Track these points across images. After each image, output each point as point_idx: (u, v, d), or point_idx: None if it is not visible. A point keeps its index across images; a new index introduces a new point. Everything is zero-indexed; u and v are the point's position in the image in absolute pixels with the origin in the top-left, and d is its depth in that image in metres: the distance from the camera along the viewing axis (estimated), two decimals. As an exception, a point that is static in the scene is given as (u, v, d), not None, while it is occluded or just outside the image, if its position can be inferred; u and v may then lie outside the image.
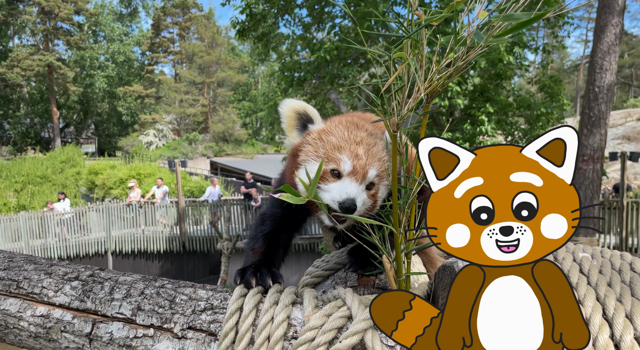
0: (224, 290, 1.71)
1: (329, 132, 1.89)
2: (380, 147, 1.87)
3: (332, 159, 1.81)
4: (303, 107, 1.94)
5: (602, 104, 12.50)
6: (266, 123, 21.01)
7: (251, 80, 79.18)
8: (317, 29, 17.36)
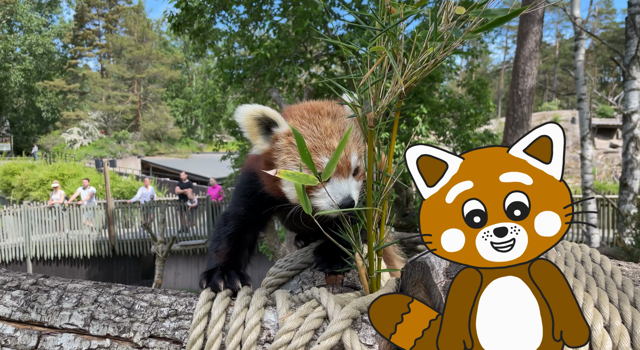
0: (188, 295, 1.61)
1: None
2: (348, 125, 1.81)
3: (316, 165, 1.75)
4: (260, 112, 1.81)
5: (525, 106, 13.41)
6: (203, 121, 20.38)
7: (185, 76, 76.65)
8: (255, 26, 17.11)
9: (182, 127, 70.09)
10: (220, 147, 19.52)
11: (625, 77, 15.18)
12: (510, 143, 5.71)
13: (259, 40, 15.35)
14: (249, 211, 1.92)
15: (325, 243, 1.99)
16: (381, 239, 1.62)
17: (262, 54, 13.60)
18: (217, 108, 16.61)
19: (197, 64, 72.58)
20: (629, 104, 14.90)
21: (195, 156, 57.38)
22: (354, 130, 1.82)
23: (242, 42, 16.58)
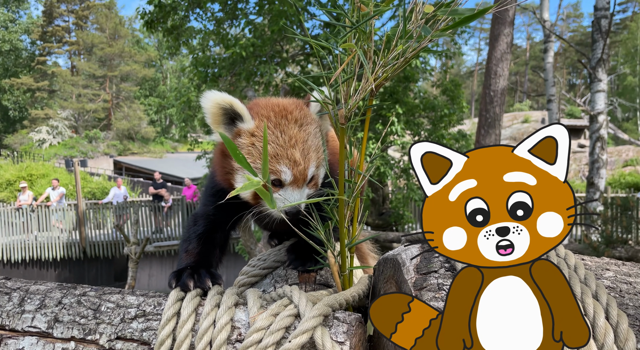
0: (157, 295, 1.58)
1: (261, 136, 1.79)
2: (313, 134, 1.83)
3: (272, 172, 1.77)
4: (229, 102, 1.78)
5: (497, 107, 13.69)
6: (178, 120, 20.05)
7: (159, 75, 75.33)
8: (231, 25, 16.94)
9: (156, 126, 68.89)
10: (195, 147, 19.25)
11: (592, 79, 15.67)
12: (483, 143, 5.85)
13: (235, 39, 15.21)
14: (218, 210, 1.89)
15: (299, 241, 1.98)
16: (353, 236, 1.62)
17: (237, 53, 13.48)
18: (191, 107, 16.37)
19: (172, 62, 71.50)
20: (596, 105, 15.39)
21: (169, 156, 56.48)
22: (316, 139, 1.84)
23: (217, 40, 16.40)
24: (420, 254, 1.53)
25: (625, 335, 1.19)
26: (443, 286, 1.38)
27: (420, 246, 1.62)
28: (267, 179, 1.36)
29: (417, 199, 15.87)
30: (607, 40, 15.00)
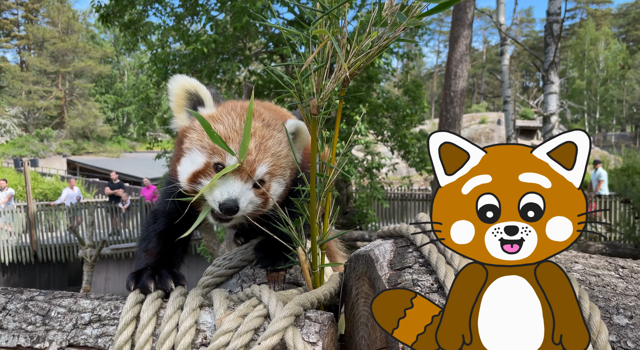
0: (113, 298, 1.46)
1: (218, 120, 1.71)
2: (276, 140, 1.72)
3: (217, 152, 1.63)
4: (195, 87, 1.75)
5: (457, 107, 14.00)
6: (136, 118, 19.40)
7: (116, 71, 72.79)
8: (191, 21, 16.54)
9: (113, 124, 66.54)
10: (155, 146, 18.68)
11: (544, 82, 16.31)
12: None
13: (195, 35, 14.85)
14: (180, 207, 1.79)
15: (267, 239, 1.90)
16: (324, 232, 1.56)
17: (198, 49, 13.16)
18: (150, 104, 15.87)
19: (129, 58, 69.20)
20: (548, 107, 16.02)
21: (127, 155, 54.69)
22: (281, 148, 1.71)
23: (177, 36, 15.97)
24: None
25: (598, 327, 1.19)
26: (418, 282, 1.34)
27: (393, 242, 1.58)
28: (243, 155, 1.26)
29: (380, 197, 16.03)
30: (558, 44, 15.64)
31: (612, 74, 68.93)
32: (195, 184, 1.64)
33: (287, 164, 1.73)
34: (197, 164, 1.65)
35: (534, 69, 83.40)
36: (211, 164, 1.64)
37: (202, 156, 1.65)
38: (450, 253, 1.38)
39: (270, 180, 1.69)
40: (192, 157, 1.66)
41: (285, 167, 1.73)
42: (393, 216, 23.12)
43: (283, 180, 1.74)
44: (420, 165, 16.72)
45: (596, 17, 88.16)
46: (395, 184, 26.17)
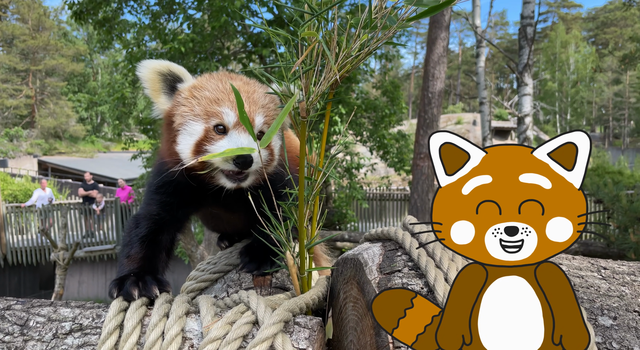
0: (95, 306, 1.41)
1: (202, 87, 1.71)
2: (260, 94, 1.74)
3: (213, 114, 1.63)
4: (166, 67, 1.74)
5: (435, 108, 14.16)
6: (111, 118, 18.97)
7: (89, 70, 71.09)
8: (168, 19, 16.26)
9: (87, 124, 65.00)
10: (131, 146, 18.32)
11: (519, 83, 16.65)
12: (422, 143, 5.99)
13: (172, 34, 14.62)
14: (163, 209, 1.74)
15: (252, 243, 1.88)
16: (312, 236, 1.55)
17: (176, 48, 12.96)
18: (126, 104, 15.54)
19: (103, 57, 67.73)
20: (523, 108, 16.36)
21: (101, 156, 53.51)
22: (263, 97, 1.73)
23: (153, 35, 15.68)
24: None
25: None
26: (408, 286, 1.34)
27: (381, 245, 1.57)
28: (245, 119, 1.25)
29: (359, 197, 16.10)
30: (532, 46, 15.98)
31: (582, 77, 71.02)
32: (203, 153, 1.61)
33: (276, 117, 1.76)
34: (198, 133, 1.64)
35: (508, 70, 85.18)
36: (210, 128, 1.63)
37: (199, 124, 1.64)
38: (439, 256, 1.38)
39: (267, 128, 1.70)
40: (189, 130, 1.65)
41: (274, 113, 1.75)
42: (372, 216, 23.26)
43: (279, 133, 1.75)
44: (399, 166, 16.87)
45: (567, 21, 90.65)
46: (374, 184, 26.33)
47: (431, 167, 14.26)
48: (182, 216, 1.81)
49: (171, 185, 1.71)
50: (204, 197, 1.74)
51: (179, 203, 1.76)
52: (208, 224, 2.28)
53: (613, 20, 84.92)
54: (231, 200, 1.77)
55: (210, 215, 2.01)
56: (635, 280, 1.48)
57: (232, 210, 1.92)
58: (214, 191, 1.69)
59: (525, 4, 16.42)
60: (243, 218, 1.99)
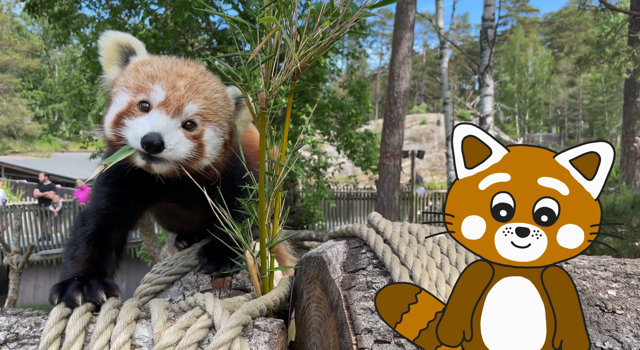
0: (34, 314, 1.30)
1: (148, 63, 1.66)
2: (211, 87, 1.66)
3: (142, 89, 1.56)
4: (127, 39, 1.73)
5: (400, 108, 14.32)
6: (68, 115, 18.23)
7: (45, 66, 68.20)
8: (129, 14, 15.74)
9: (43, 122, 62.33)
10: (90, 145, 17.65)
11: (480, 84, 17.07)
12: (388, 142, 6.03)
13: (134, 29, 14.17)
14: (112, 202, 1.63)
15: (211, 242, 1.79)
16: (274, 235, 1.48)
17: (136, 44, 12.55)
18: (84, 101, 14.94)
19: (60, 52, 65.17)
20: (484, 108, 16.78)
21: (59, 155, 51.45)
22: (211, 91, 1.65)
23: (113, 30, 15.16)
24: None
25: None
26: (372, 284, 1.29)
27: (345, 242, 1.52)
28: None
29: (327, 197, 16.08)
30: (493, 48, 16.41)
31: (540, 79, 73.79)
32: (119, 127, 1.52)
33: (224, 115, 1.68)
34: (122, 105, 1.57)
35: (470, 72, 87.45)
36: (135, 102, 1.55)
37: (126, 96, 1.58)
38: (404, 253, 1.34)
39: (203, 124, 1.60)
40: (116, 100, 1.60)
41: (223, 117, 1.66)
42: (339, 215, 23.34)
43: (220, 130, 1.65)
44: (366, 165, 16.96)
45: (525, 25, 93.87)
46: (341, 184, 26.44)
47: (397, 166, 14.42)
48: (134, 210, 1.70)
49: (118, 174, 1.61)
50: (156, 189, 1.64)
51: (129, 194, 1.66)
52: (164, 223, 2.16)
53: (568, 24, 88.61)
54: (186, 195, 1.68)
55: (166, 211, 1.90)
56: (595, 274, 1.49)
57: (187, 206, 1.83)
58: (166, 183, 1.61)
59: (486, 7, 16.85)
60: (200, 215, 1.90)
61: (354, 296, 1.25)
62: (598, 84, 66.30)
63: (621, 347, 1.21)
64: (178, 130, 1.52)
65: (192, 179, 1.46)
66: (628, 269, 1.51)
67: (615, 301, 1.35)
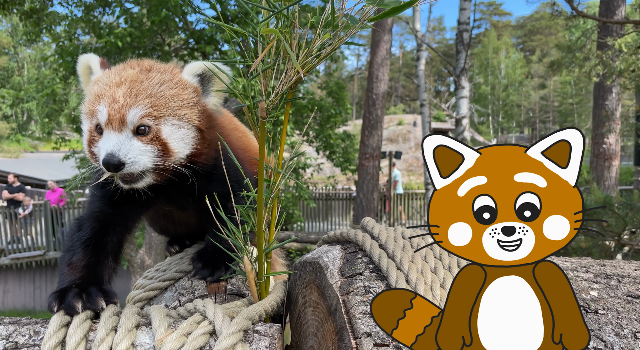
0: (32, 322, 1.29)
1: (97, 81, 1.65)
2: (154, 81, 1.61)
3: (93, 113, 1.57)
4: (87, 59, 1.74)
5: (379, 109, 14.48)
6: (40, 115, 17.71)
7: (13, 64, 66.11)
8: (103, 12, 15.42)
9: (11, 122, 60.42)
10: (62, 145, 17.19)
11: (456, 86, 17.37)
12: (367, 143, 6.12)
13: (108, 28, 13.88)
14: (107, 205, 1.63)
15: (205, 247, 1.80)
16: (271, 240, 1.50)
17: (112, 43, 12.31)
18: (57, 100, 14.55)
19: (29, 50, 63.25)
20: (460, 110, 17.08)
21: (28, 156, 49.87)
22: (155, 85, 1.59)
23: (87, 28, 14.81)
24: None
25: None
26: (370, 289, 1.32)
27: (341, 247, 1.55)
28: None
29: (306, 197, 16.10)
30: (468, 51, 16.74)
31: (512, 81, 75.56)
32: (93, 157, 1.60)
33: (181, 102, 1.61)
34: (86, 134, 1.62)
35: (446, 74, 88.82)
36: (92, 128, 1.58)
37: (86, 123, 1.62)
38: (399, 258, 1.38)
39: (157, 124, 1.56)
40: (83, 128, 1.65)
41: (178, 106, 1.60)
42: (318, 216, 23.37)
43: (179, 120, 1.59)
44: (345, 165, 17.06)
45: (498, 28, 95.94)
46: (320, 184, 26.49)
47: (375, 167, 14.55)
48: (130, 214, 1.69)
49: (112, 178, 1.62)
50: (152, 191, 1.64)
51: (124, 197, 1.65)
52: (156, 225, 2.16)
53: (539, 28, 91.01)
54: (181, 197, 1.69)
55: (162, 214, 1.90)
56: (578, 275, 1.56)
57: (183, 208, 1.84)
58: (160, 186, 1.62)
59: (462, 10, 17.17)
60: (195, 217, 1.91)
61: (353, 301, 1.29)
62: (568, 87, 68.39)
63: (604, 345, 1.27)
64: (132, 141, 1.52)
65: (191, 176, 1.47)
66: (607, 270, 1.59)
67: (597, 301, 1.42)
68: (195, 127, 1.62)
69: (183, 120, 1.60)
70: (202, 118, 1.65)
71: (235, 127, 2.03)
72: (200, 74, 1.68)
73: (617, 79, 11.31)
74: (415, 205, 23.76)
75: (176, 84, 1.63)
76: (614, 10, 13.13)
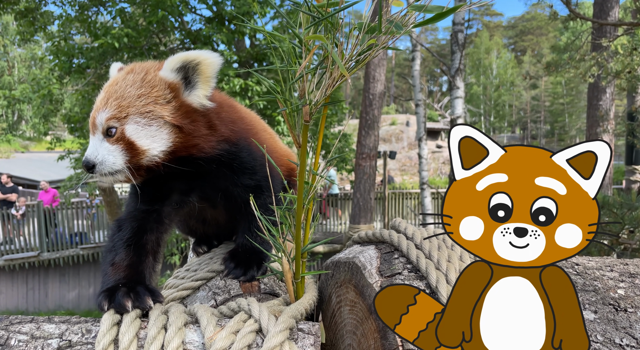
0: (82, 321, 1.31)
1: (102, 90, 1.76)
2: (125, 82, 1.62)
3: (92, 123, 1.69)
4: (112, 67, 1.88)
5: (376, 109, 14.53)
6: (36, 115, 17.56)
7: (4, 63, 65.39)
8: (97, 12, 15.33)
9: (2, 121, 59.79)
10: (57, 146, 17.07)
11: (451, 87, 17.48)
12: (364, 143, 6.12)
13: (104, 28, 13.81)
14: (145, 202, 1.67)
15: (236, 247, 1.83)
16: (306, 240, 1.54)
17: (109, 43, 12.25)
18: (53, 101, 14.45)
19: (20, 49, 62.61)
20: (455, 110, 17.19)
21: (19, 156, 49.35)
22: (132, 88, 1.60)
23: (82, 28, 14.72)
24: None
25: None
26: (410, 287, 1.36)
27: (375, 247, 1.59)
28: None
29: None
30: (463, 51, 16.85)
31: (504, 81, 76.13)
32: None
33: (148, 101, 1.59)
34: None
35: (438, 74, 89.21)
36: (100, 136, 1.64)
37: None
38: (436, 258, 1.42)
39: (121, 124, 1.58)
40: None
41: (144, 104, 1.59)
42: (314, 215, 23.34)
43: (146, 119, 1.58)
44: (341, 165, 17.10)
45: (490, 28, 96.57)
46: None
47: (372, 167, 14.58)
48: (165, 212, 1.72)
49: (148, 181, 1.68)
50: (184, 189, 1.74)
51: (159, 194, 1.71)
52: (185, 226, 2.18)
53: (530, 29, 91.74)
54: (211, 193, 1.78)
55: (196, 214, 1.92)
56: (603, 275, 1.61)
57: (214, 206, 1.89)
58: (192, 182, 1.72)
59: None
60: (224, 215, 1.95)
61: (395, 298, 1.33)
62: (559, 87, 69.01)
63: (636, 343, 1.32)
64: (102, 143, 1.60)
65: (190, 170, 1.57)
66: (631, 269, 1.64)
67: (625, 300, 1.46)
68: (168, 123, 1.60)
69: (150, 117, 1.59)
70: (178, 113, 1.61)
71: (264, 128, 2.07)
72: (182, 67, 1.64)
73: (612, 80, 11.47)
74: (410, 204, 23.86)
75: (146, 82, 1.62)
76: (608, 12, 13.31)
